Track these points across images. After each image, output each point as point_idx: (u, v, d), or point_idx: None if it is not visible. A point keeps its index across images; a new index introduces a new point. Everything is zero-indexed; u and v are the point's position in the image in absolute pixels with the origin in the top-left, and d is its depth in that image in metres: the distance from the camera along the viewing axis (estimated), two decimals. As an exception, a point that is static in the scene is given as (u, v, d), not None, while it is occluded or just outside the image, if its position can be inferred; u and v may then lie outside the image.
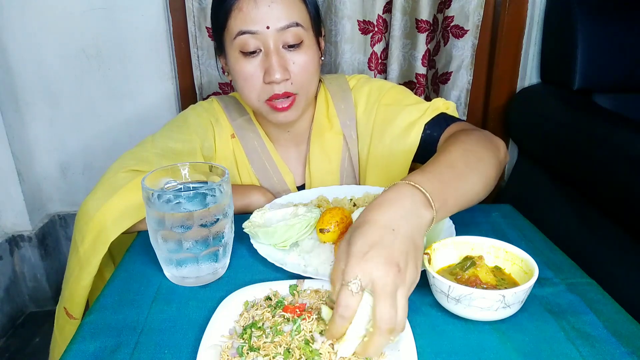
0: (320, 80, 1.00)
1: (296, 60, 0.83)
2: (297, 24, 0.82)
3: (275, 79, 0.81)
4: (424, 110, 0.90)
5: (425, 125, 0.89)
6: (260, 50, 0.83)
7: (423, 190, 0.58)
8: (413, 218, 0.55)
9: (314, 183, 0.97)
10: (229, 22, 0.83)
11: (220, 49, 0.89)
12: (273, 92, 0.83)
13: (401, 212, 0.55)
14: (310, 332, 0.52)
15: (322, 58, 0.92)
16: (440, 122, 0.89)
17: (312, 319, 0.54)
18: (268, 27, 0.80)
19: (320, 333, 0.52)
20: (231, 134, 0.96)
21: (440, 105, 0.92)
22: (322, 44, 0.93)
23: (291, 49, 0.83)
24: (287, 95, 0.84)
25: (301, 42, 0.83)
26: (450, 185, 0.63)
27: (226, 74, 0.92)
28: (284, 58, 0.83)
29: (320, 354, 0.49)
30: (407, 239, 0.53)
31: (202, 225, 0.62)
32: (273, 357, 0.49)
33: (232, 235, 0.68)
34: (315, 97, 0.98)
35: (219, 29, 0.86)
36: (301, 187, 0.99)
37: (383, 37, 1.42)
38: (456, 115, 0.93)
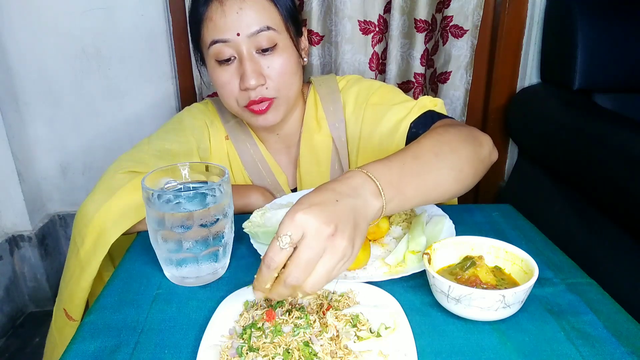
0: (310, 82, 1.00)
1: (271, 64, 0.83)
2: (269, 28, 0.81)
3: (250, 85, 0.81)
4: (410, 109, 0.90)
5: (411, 123, 0.88)
6: (235, 57, 0.83)
7: (374, 180, 0.57)
8: (360, 201, 0.54)
9: (304, 186, 0.97)
10: (202, 32, 0.84)
11: (202, 60, 0.90)
12: (249, 98, 0.84)
13: (349, 191, 0.54)
14: (311, 333, 0.52)
15: (305, 59, 0.92)
16: (427, 119, 0.88)
17: (314, 320, 0.54)
18: (238, 34, 0.80)
19: (316, 336, 0.52)
20: (225, 135, 0.97)
21: (427, 102, 0.91)
22: (304, 45, 0.92)
23: (265, 53, 0.83)
24: (263, 100, 0.84)
25: (275, 45, 0.83)
26: (411, 175, 0.61)
27: (210, 82, 0.93)
28: (257, 63, 0.83)
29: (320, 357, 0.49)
30: (350, 212, 0.52)
31: (202, 225, 0.62)
32: (272, 358, 0.49)
33: (232, 235, 0.68)
34: (305, 99, 0.98)
35: (195, 39, 0.87)
36: (294, 190, 0.98)
37: (384, 37, 1.42)
38: (444, 112, 0.92)
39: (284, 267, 0.51)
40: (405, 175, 0.61)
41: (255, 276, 0.53)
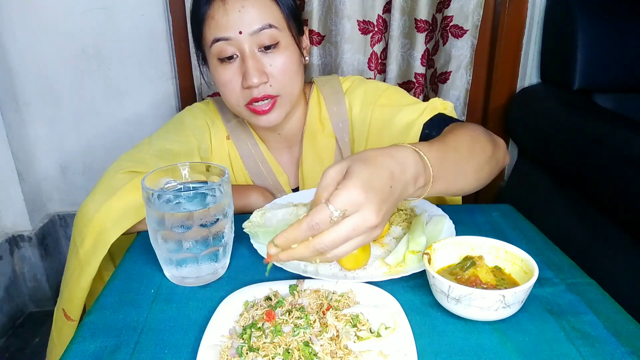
0: (313, 82, 1.00)
1: (273, 62, 0.83)
2: (271, 26, 0.81)
3: (253, 83, 0.81)
4: (422, 110, 0.90)
5: (424, 125, 0.89)
6: (237, 55, 0.82)
7: (425, 167, 0.58)
8: (402, 186, 0.55)
9: (306, 186, 0.97)
10: (204, 31, 0.83)
11: (204, 59, 0.89)
12: (252, 96, 0.83)
13: (400, 175, 0.55)
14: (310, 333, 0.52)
15: (306, 58, 0.92)
16: (439, 121, 0.88)
17: (315, 320, 0.54)
18: (241, 32, 0.80)
19: (316, 336, 0.52)
20: (226, 135, 0.96)
21: (438, 105, 0.91)
22: (306, 43, 0.92)
23: (268, 51, 0.82)
24: (266, 97, 0.84)
25: (277, 43, 0.83)
26: (448, 169, 0.63)
27: (212, 82, 0.92)
28: (260, 61, 0.82)
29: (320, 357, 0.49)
30: (396, 202, 0.55)
31: (202, 225, 0.62)
32: (272, 358, 0.49)
33: (232, 235, 0.68)
34: (307, 99, 0.98)
35: (197, 39, 0.87)
36: (295, 190, 0.98)
37: (383, 37, 1.42)
38: (454, 115, 0.93)
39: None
40: (443, 166, 0.62)
41: (281, 233, 0.52)
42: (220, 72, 0.84)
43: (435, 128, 0.88)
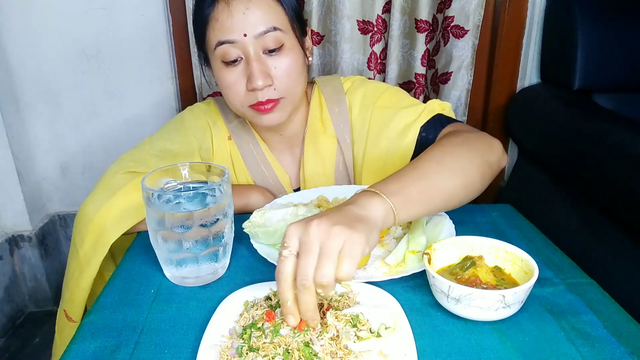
0: (314, 82, 1.00)
1: (278, 64, 0.83)
2: (275, 28, 0.81)
3: (257, 85, 0.81)
4: (420, 113, 0.90)
5: (421, 127, 0.89)
6: (242, 58, 0.82)
7: (369, 189, 0.59)
8: (356, 206, 0.57)
9: (308, 186, 0.97)
10: (208, 34, 0.83)
11: (206, 60, 0.89)
12: (257, 99, 0.83)
13: (342, 205, 0.57)
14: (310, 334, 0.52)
15: (310, 59, 0.92)
16: (436, 124, 0.88)
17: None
18: (245, 35, 0.80)
19: (318, 337, 0.52)
20: (228, 135, 0.96)
21: (436, 106, 0.91)
22: (309, 44, 0.92)
23: (272, 53, 0.82)
24: (270, 102, 0.84)
25: (282, 45, 0.82)
26: (410, 180, 0.63)
27: (215, 83, 0.92)
28: (264, 64, 0.82)
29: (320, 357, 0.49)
30: (340, 210, 0.55)
31: (202, 225, 0.62)
32: (272, 358, 0.49)
33: (232, 235, 0.68)
34: (309, 100, 0.98)
35: (200, 41, 0.87)
36: (296, 191, 0.99)
37: (382, 37, 1.42)
38: (452, 116, 0.93)
39: None
40: (405, 180, 0.63)
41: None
42: (224, 75, 0.84)
43: (432, 130, 0.88)
